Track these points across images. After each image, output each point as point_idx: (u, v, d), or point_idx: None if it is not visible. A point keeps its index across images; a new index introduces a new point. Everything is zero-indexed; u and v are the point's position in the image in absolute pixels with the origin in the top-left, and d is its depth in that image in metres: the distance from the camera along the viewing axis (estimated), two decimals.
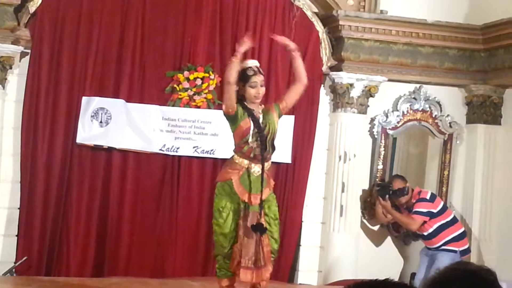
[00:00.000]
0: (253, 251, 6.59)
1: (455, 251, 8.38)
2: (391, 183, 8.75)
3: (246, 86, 6.64)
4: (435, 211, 8.43)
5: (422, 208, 8.47)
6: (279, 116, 6.85)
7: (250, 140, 6.61)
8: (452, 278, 2.35)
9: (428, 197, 8.55)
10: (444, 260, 8.05)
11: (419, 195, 8.57)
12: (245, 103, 6.66)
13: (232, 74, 6.55)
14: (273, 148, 6.78)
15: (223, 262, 6.79)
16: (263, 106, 6.88)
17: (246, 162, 6.64)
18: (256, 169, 6.64)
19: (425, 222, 8.54)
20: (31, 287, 7.97)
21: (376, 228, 9.66)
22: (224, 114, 6.69)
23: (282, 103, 6.92)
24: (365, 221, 9.58)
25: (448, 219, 8.49)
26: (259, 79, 6.73)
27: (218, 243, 6.79)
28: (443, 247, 8.38)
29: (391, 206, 8.76)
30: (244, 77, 6.64)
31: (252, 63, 6.91)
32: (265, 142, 6.64)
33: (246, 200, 6.59)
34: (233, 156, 6.74)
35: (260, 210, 6.58)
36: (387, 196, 8.60)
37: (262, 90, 6.76)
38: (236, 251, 6.66)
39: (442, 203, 8.60)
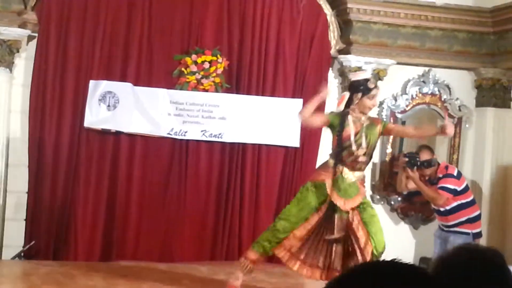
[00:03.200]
0: (324, 253, 7.00)
1: (468, 233, 8.30)
2: (418, 153, 8.54)
3: (363, 97, 6.88)
4: (459, 189, 8.27)
5: (449, 184, 8.28)
6: (380, 134, 7.11)
7: (352, 147, 6.87)
8: (460, 258, 2.33)
9: (455, 174, 8.38)
10: (457, 242, 7.97)
11: (447, 170, 8.37)
12: (350, 111, 6.90)
13: (310, 111, 6.94)
14: (370, 158, 7.09)
15: (271, 239, 7.02)
16: (369, 115, 7.15)
17: (341, 167, 6.89)
18: (349, 176, 6.90)
19: (447, 198, 8.42)
20: (40, 271, 8.00)
21: (384, 212, 9.63)
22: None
23: (391, 126, 7.33)
24: (373, 204, 9.55)
25: (469, 199, 8.36)
26: (377, 92, 7.02)
27: (276, 226, 7.03)
28: (456, 228, 8.28)
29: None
30: (364, 88, 6.89)
31: (368, 75, 7.29)
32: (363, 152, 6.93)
33: (337, 203, 6.84)
34: (328, 160, 7.06)
35: (348, 216, 6.91)
36: (415, 167, 8.37)
37: (376, 102, 7.17)
38: (291, 240, 6.96)
39: (465, 182, 8.46)
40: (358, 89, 6.91)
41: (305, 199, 6.99)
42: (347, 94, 6.99)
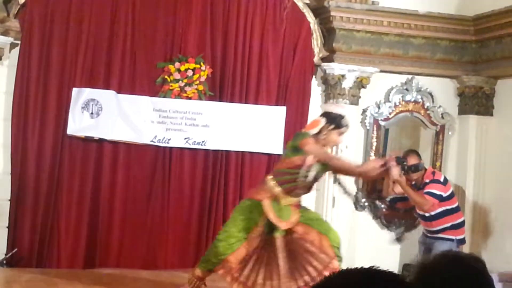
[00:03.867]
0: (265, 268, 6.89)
1: (452, 240, 8.31)
2: (406, 158, 8.50)
3: (334, 130, 6.80)
4: (444, 195, 8.27)
5: (435, 189, 8.27)
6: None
7: (298, 175, 6.72)
8: (441, 264, 2.34)
9: (442, 180, 8.38)
10: (441, 248, 7.97)
11: (433, 176, 8.37)
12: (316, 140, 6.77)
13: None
14: (309, 190, 7.06)
15: (213, 259, 6.99)
16: None
17: (277, 190, 6.81)
18: (283, 200, 6.81)
19: (433, 204, 8.41)
20: (22, 279, 7.96)
21: (368, 219, 9.65)
22: (297, 145, 6.78)
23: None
24: (357, 212, 9.57)
25: (453, 206, 8.36)
26: (346, 131, 6.97)
27: (217, 247, 6.98)
28: (440, 235, 8.28)
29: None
30: (339, 123, 6.82)
31: (345, 112, 7.09)
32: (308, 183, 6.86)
33: (277, 224, 6.75)
34: (267, 180, 6.94)
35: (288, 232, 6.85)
36: (402, 171, 8.31)
37: (341, 141, 7.13)
38: (232, 260, 6.86)
39: (451, 189, 8.48)
40: (332, 120, 6.81)
41: (243, 218, 6.92)
42: (322, 121, 6.83)
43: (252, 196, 7.01)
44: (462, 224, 8.50)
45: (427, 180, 8.26)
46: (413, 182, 8.37)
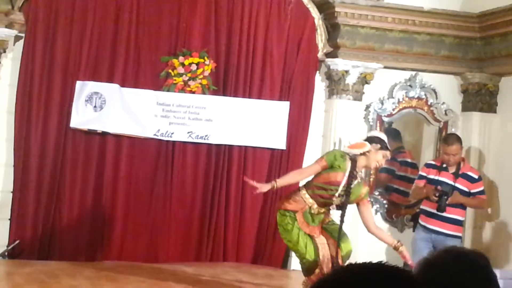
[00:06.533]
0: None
1: (460, 237, 8.32)
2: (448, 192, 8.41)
3: (380, 151, 7.00)
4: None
5: (482, 186, 8.42)
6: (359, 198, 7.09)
7: (334, 194, 6.92)
8: (444, 259, 2.34)
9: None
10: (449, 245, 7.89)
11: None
12: (356, 160, 6.95)
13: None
14: (338, 209, 7.14)
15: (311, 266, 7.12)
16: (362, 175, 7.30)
17: (311, 202, 7.00)
18: (317, 210, 7.04)
19: None
20: (23, 271, 7.97)
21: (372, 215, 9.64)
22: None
23: (365, 202, 7.19)
24: None
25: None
26: (388, 156, 7.24)
27: (306, 265, 7.18)
28: (451, 232, 8.22)
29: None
30: (384, 144, 7.04)
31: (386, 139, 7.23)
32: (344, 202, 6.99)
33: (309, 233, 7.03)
34: (300, 191, 7.07)
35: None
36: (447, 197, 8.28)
37: (382, 164, 7.26)
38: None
39: None
40: (379, 141, 7.04)
41: (292, 228, 7.04)
42: (368, 145, 7.02)
43: (284, 207, 7.09)
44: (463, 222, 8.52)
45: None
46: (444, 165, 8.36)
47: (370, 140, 7.12)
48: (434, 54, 9.74)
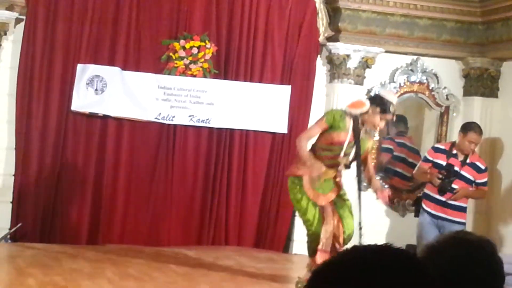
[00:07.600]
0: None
1: (464, 223, 8.29)
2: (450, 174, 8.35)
3: (379, 114, 6.90)
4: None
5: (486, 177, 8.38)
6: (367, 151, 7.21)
7: (339, 153, 6.94)
8: (450, 244, 2.34)
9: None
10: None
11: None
12: (359, 121, 6.92)
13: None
14: (347, 168, 7.18)
15: (313, 244, 7.15)
16: (366, 129, 7.13)
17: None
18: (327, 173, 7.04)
19: None
20: (25, 254, 7.99)
21: (372, 199, 9.63)
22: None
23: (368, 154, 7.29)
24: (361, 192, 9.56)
25: None
26: (390, 119, 7.11)
27: (310, 233, 7.20)
28: (456, 219, 8.20)
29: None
30: (384, 107, 6.90)
31: (395, 101, 7.16)
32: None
33: (315, 200, 7.05)
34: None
35: None
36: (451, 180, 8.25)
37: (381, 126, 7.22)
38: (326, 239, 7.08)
39: None
40: (381, 103, 6.93)
41: (302, 197, 7.07)
42: (367, 103, 6.97)
43: (293, 173, 7.14)
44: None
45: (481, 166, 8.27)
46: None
47: (372, 100, 7.09)
48: (436, 39, 9.72)
